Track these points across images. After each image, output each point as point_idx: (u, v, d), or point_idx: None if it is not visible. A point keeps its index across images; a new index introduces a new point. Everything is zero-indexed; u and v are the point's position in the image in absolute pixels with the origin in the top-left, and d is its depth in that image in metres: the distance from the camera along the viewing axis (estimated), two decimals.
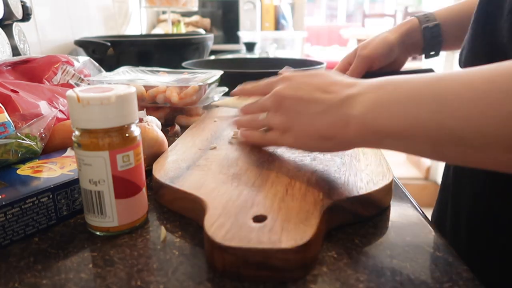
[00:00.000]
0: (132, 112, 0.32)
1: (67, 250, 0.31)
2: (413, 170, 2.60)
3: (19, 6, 0.69)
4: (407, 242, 0.32)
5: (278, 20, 2.08)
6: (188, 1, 1.42)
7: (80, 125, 0.30)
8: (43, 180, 0.35)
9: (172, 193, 0.36)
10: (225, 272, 0.27)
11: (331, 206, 0.32)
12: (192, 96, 0.59)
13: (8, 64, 0.57)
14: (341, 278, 0.27)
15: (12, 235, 0.31)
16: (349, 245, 0.31)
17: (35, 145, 0.40)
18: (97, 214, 0.32)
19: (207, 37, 1.08)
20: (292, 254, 0.26)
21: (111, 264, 0.29)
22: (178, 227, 0.34)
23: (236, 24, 1.83)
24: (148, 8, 1.46)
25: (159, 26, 1.81)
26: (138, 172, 0.33)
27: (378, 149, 0.44)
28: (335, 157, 0.42)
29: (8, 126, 0.40)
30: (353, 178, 0.37)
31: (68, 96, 0.30)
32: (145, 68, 0.70)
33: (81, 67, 0.65)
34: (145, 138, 0.42)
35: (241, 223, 0.29)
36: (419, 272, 0.28)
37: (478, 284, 0.27)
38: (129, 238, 0.32)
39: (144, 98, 0.60)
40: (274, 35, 1.79)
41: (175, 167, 0.40)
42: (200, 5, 1.77)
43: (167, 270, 0.28)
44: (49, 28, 0.94)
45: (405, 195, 0.40)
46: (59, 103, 0.51)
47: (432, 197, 2.42)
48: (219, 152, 0.44)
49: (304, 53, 2.47)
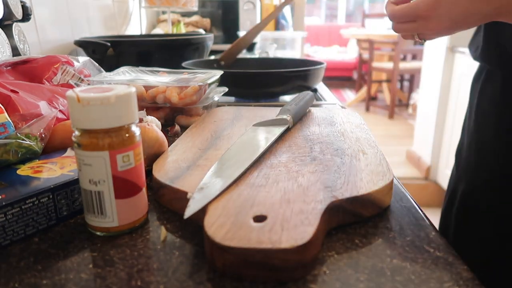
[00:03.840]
0: (132, 112, 0.32)
1: (67, 250, 0.31)
2: (413, 170, 2.60)
3: (19, 6, 0.69)
4: (407, 242, 0.32)
5: (278, 20, 2.07)
6: (188, 1, 1.42)
7: (80, 125, 0.30)
8: (43, 180, 0.35)
9: (172, 193, 0.36)
10: (225, 272, 0.27)
11: (331, 206, 0.32)
12: (192, 96, 0.59)
13: (8, 64, 0.57)
14: (341, 278, 0.27)
15: (12, 235, 0.31)
16: (349, 245, 0.31)
17: (35, 145, 0.40)
18: (97, 214, 0.32)
19: (207, 37, 1.08)
20: (292, 254, 0.26)
21: (111, 264, 0.29)
22: (178, 227, 0.34)
23: (236, 24, 1.82)
24: (148, 8, 1.46)
25: (159, 26, 1.81)
26: (138, 172, 0.33)
27: (378, 149, 0.44)
28: (335, 157, 0.42)
29: (8, 126, 0.41)
30: (353, 178, 0.37)
31: (68, 96, 0.30)
32: (145, 68, 0.70)
33: (81, 67, 0.65)
34: (145, 138, 0.42)
35: (241, 223, 0.29)
36: (419, 272, 0.28)
37: (478, 284, 0.27)
38: (129, 238, 0.32)
39: (144, 98, 0.60)
40: (274, 35, 1.79)
41: (175, 167, 0.40)
42: (200, 5, 1.77)
43: (167, 270, 0.28)
44: (49, 28, 0.94)
45: (405, 195, 0.40)
46: (59, 103, 0.51)
47: (432, 197, 2.43)
48: (219, 152, 0.44)
49: (304, 53, 2.47)
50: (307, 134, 0.50)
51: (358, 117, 0.58)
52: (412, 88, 4.24)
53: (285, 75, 0.79)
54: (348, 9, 6.33)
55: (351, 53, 5.47)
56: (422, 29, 0.46)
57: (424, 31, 0.46)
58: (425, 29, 0.45)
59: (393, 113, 3.95)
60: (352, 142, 0.46)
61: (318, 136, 0.49)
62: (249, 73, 0.82)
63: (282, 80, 0.79)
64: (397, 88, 4.05)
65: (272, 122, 0.51)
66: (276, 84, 0.79)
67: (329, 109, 0.63)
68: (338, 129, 0.52)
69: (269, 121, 0.51)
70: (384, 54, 4.36)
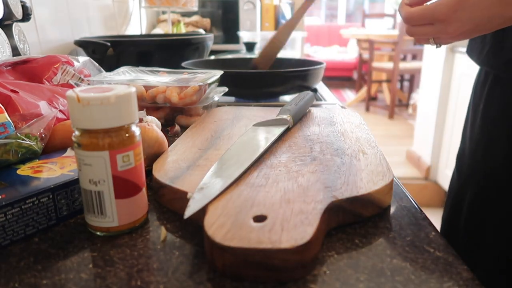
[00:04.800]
0: (132, 112, 0.32)
1: (67, 250, 0.31)
2: (413, 170, 2.60)
3: (19, 6, 0.69)
4: (407, 242, 0.32)
5: (278, 20, 2.07)
6: (188, 1, 1.41)
7: (80, 125, 0.30)
8: (43, 180, 0.35)
9: (172, 193, 0.36)
10: (225, 272, 0.27)
11: (331, 206, 0.32)
12: (192, 96, 0.59)
13: (8, 64, 0.57)
14: (341, 278, 0.27)
15: (12, 235, 0.31)
16: (349, 245, 0.31)
17: (35, 145, 0.40)
18: (97, 214, 0.32)
19: (207, 37, 1.08)
20: (292, 254, 0.26)
21: (111, 264, 0.29)
22: (178, 227, 0.34)
23: (236, 24, 1.82)
24: (148, 8, 1.46)
25: (159, 26, 1.81)
26: (138, 172, 0.33)
27: (378, 149, 0.44)
28: (335, 157, 0.42)
29: (8, 126, 0.41)
30: (353, 178, 0.37)
31: (68, 96, 0.30)
32: (145, 68, 0.70)
33: (81, 67, 0.65)
34: (145, 138, 0.42)
35: (241, 223, 0.29)
36: (419, 272, 0.28)
37: (478, 284, 0.27)
38: (129, 238, 0.32)
39: (144, 98, 0.60)
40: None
41: (175, 167, 0.40)
42: (200, 5, 1.77)
43: (167, 270, 0.28)
44: (49, 28, 0.94)
45: (405, 195, 0.40)
46: (59, 103, 0.51)
47: (432, 197, 2.42)
48: (219, 152, 0.44)
49: (304, 53, 2.47)
50: (307, 134, 0.50)
51: (358, 117, 0.58)
52: (412, 88, 4.24)
53: (285, 75, 0.79)
54: (348, 9, 6.33)
55: (351, 53, 5.47)
56: (440, 32, 0.44)
57: (442, 34, 0.44)
58: (443, 32, 0.43)
59: (393, 113, 3.95)
60: (352, 142, 0.46)
61: (318, 136, 0.49)
62: (249, 73, 0.82)
63: (282, 80, 0.79)
64: (397, 88, 4.05)
65: (272, 122, 0.51)
66: (276, 84, 0.79)
67: (329, 109, 0.63)
68: (338, 129, 0.52)
69: (269, 121, 0.51)
70: (384, 54, 4.36)
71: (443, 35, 0.44)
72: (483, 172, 0.59)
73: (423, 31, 0.45)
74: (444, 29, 0.43)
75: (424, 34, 0.46)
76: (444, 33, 0.43)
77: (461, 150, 0.67)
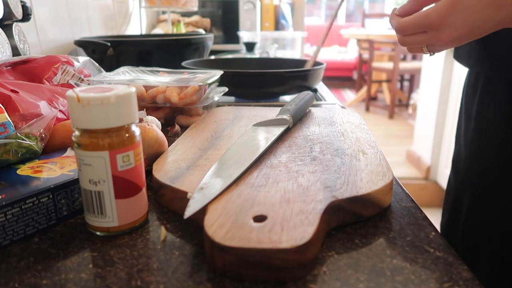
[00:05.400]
0: (132, 112, 0.32)
1: (67, 250, 0.31)
2: (413, 170, 2.60)
3: (19, 6, 0.69)
4: (407, 242, 0.32)
5: (278, 20, 2.07)
6: (188, 1, 1.41)
7: (80, 125, 0.30)
8: (43, 180, 0.35)
9: (172, 193, 0.36)
10: (225, 272, 0.27)
11: (331, 206, 0.32)
12: (192, 96, 0.59)
13: (8, 64, 0.57)
14: (341, 278, 0.27)
15: (12, 235, 0.31)
16: (349, 245, 0.31)
17: (35, 145, 0.40)
18: (97, 214, 0.32)
19: (207, 37, 1.08)
20: (292, 254, 0.26)
21: (111, 264, 0.29)
22: (178, 227, 0.34)
23: (236, 24, 1.82)
24: (148, 8, 1.46)
25: (159, 26, 1.81)
26: (138, 172, 0.33)
27: (378, 149, 0.44)
28: (335, 157, 0.42)
29: (8, 126, 0.40)
30: (353, 178, 0.37)
31: (68, 96, 0.30)
32: (145, 68, 0.70)
33: (81, 67, 0.65)
34: (145, 138, 0.42)
35: (241, 223, 0.29)
36: (419, 272, 0.28)
37: (478, 284, 0.27)
38: (129, 238, 0.32)
39: (144, 98, 0.60)
40: (274, 35, 1.79)
41: (175, 167, 0.40)
42: (200, 5, 1.77)
43: (167, 270, 0.28)
44: (49, 28, 0.94)
45: (405, 195, 0.40)
46: (59, 103, 0.51)
47: (432, 197, 2.42)
48: (219, 152, 0.44)
49: (304, 53, 2.47)
50: (307, 134, 0.50)
51: (358, 117, 0.58)
52: (412, 88, 4.24)
53: (285, 75, 0.79)
54: (348, 9, 6.33)
55: (351, 53, 5.47)
56: (434, 39, 0.43)
57: (436, 41, 0.43)
58: (437, 39, 0.43)
59: (393, 113, 3.95)
60: (352, 142, 0.46)
61: (318, 136, 0.49)
62: (249, 73, 0.82)
63: (282, 80, 0.79)
64: (397, 88, 4.05)
65: (272, 122, 0.51)
66: (276, 84, 0.79)
67: (329, 109, 0.63)
68: (338, 129, 0.52)
69: (269, 121, 0.51)
70: (384, 54, 4.36)
71: (436, 42, 0.43)
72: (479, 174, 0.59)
73: (417, 40, 0.45)
74: (438, 35, 0.42)
75: (417, 43, 0.45)
76: (437, 39, 0.43)
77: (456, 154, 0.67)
